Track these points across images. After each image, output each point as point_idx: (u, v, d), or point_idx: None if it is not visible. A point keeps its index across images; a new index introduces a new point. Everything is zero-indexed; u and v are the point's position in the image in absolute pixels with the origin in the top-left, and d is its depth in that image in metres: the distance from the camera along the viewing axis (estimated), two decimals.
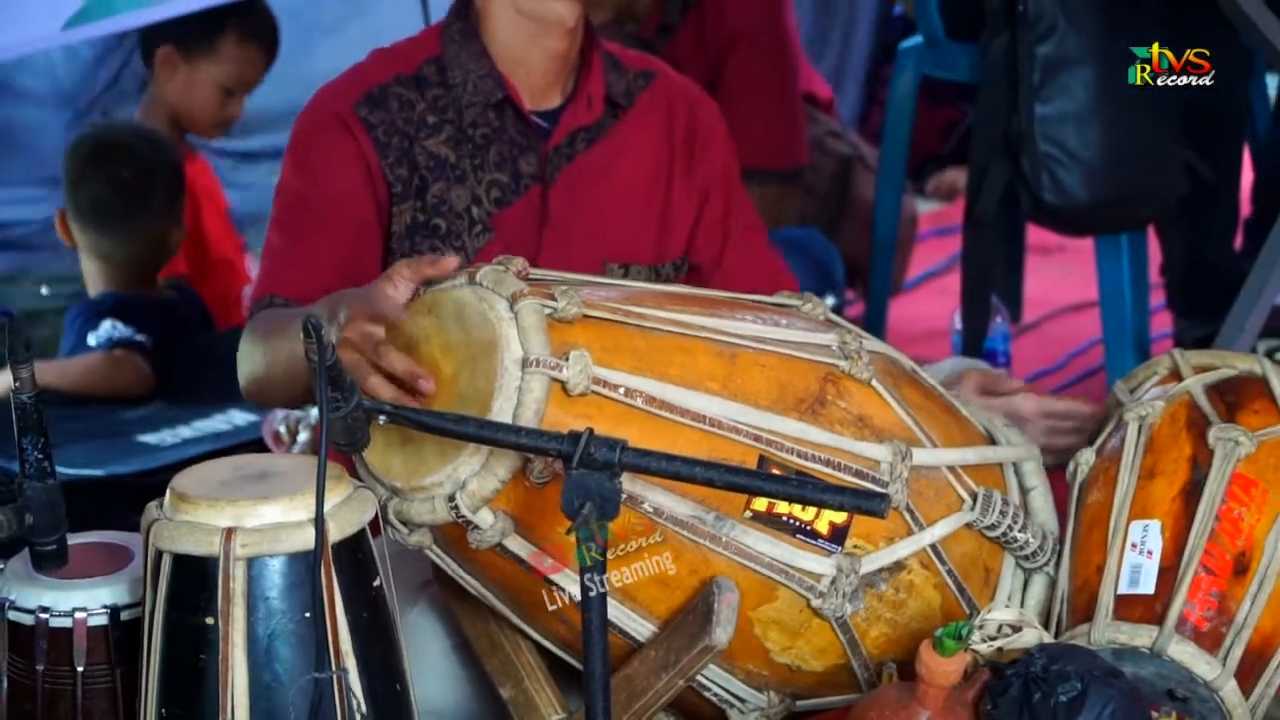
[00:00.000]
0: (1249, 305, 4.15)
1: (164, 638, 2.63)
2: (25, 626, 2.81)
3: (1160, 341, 4.34)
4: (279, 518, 2.61)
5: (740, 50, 4.42)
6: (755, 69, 4.43)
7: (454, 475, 2.75)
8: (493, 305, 2.78)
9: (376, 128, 3.21)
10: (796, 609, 2.90)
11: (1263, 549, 3.02)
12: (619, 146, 3.31)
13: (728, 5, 4.42)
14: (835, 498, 2.73)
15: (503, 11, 3.22)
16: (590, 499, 2.50)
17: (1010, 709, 2.70)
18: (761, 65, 4.44)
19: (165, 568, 2.63)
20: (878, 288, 4.72)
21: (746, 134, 4.44)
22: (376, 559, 2.69)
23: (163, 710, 2.64)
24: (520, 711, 2.94)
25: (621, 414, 2.77)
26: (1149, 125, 3.99)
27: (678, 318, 2.91)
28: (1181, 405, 3.14)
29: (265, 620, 2.59)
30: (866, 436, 2.93)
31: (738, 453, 2.83)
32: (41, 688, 2.82)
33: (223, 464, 2.76)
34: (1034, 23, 3.90)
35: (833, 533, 2.88)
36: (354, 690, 2.62)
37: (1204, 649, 2.94)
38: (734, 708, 2.97)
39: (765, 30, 4.46)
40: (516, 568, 2.83)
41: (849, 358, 2.98)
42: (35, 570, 2.71)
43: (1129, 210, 4.08)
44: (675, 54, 4.35)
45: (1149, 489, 3.06)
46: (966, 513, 3.00)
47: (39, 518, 2.62)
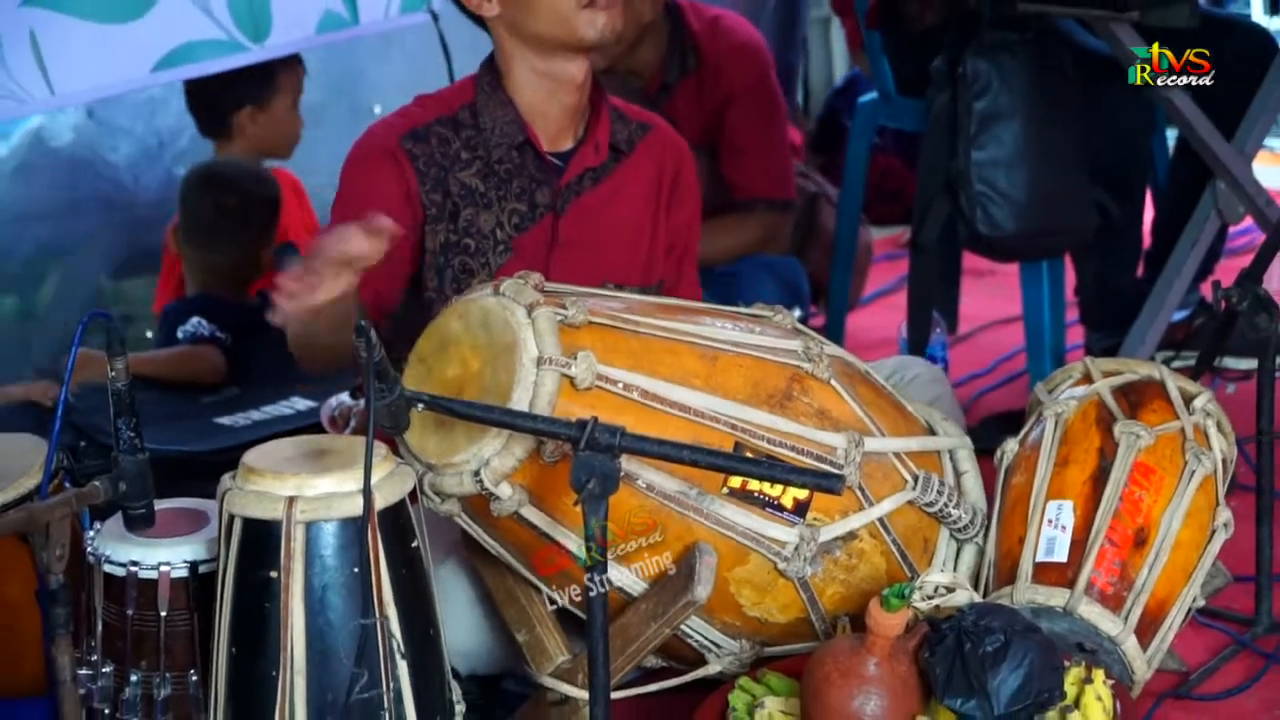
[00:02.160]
0: (1149, 321, 4.15)
1: (234, 588, 2.63)
2: (118, 578, 2.81)
3: (1074, 351, 4.33)
4: (333, 488, 2.60)
5: (737, 105, 4.42)
6: (751, 120, 4.43)
7: (479, 454, 2.75)
8: (513, 312, 2.78)
9: (418, 159, 3.21)
10: (765, 570, 2.90)
11: (1159, 526, 3.01)
12: (619, 186, 3.31)
13: (724, 70, 4.42)
14: (799, 477, 2.73)
15: (523, 69, 3.22)
16: (594, 476, 2.49)
17: (945, 657, 2.70)
18: (756, 117, 4.44)
19: (236, 529, 2.63)
20: (837, 303, 4.71)
21: (748, 172, 4.44)
22: (414, 524, 2.69)
23: (232, 649, 2.64)
24: (532, 653, 2.94)
25: (620, 405, 2.77)
26: (1067, 170, 3.98)
27: (668, 325, 2.91)
28: (1092, 404, 3.13)
29: (320, 575, 2.59)
30: (826, 427, 2.92)
31: (717, 438, 2.82)
32: (130, 629, 2.81)
33: (286, 443, 2.76)
34: (971, 83, 3.90)
35: (796, 507, 2.88)
36: (394, 634, 2.62)
37: (1108, 609, 2.94)
38: (712, 652, 2.97)
39: (757, 88, 4.46)
40: (530, 533, 2.82)
41: (812, 360, 2.97)
42: (127, 530, 2.71)
43: (1049, 241, 4.07)
44: (673, 108, 4.36)
45: (1063, 474, 3.06)
46: (909, 492, 3.00)
47: (130, 486, 2.61)
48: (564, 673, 2.91)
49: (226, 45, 4.00)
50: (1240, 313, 3.22)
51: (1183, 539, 3.02)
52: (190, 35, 3.94)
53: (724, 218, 4.32)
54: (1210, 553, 3.08)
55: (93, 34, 3.80)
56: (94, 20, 3.81)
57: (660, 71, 4.41)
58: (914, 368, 3.43)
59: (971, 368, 4.62)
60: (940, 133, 3.96)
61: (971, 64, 3.90)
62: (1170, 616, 3.01)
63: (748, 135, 4.46)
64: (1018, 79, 3.92)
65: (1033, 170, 3.93)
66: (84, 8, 3.80)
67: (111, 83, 4.01)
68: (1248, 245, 4.91)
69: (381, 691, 2.60)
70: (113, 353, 2.57)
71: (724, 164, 4.41)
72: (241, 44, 4.01)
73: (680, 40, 4.42)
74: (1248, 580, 3.28)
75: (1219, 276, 4.28)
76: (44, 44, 3.74)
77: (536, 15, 3.15)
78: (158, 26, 3.89)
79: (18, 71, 3.71)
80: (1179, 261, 4.19)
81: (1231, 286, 3.24)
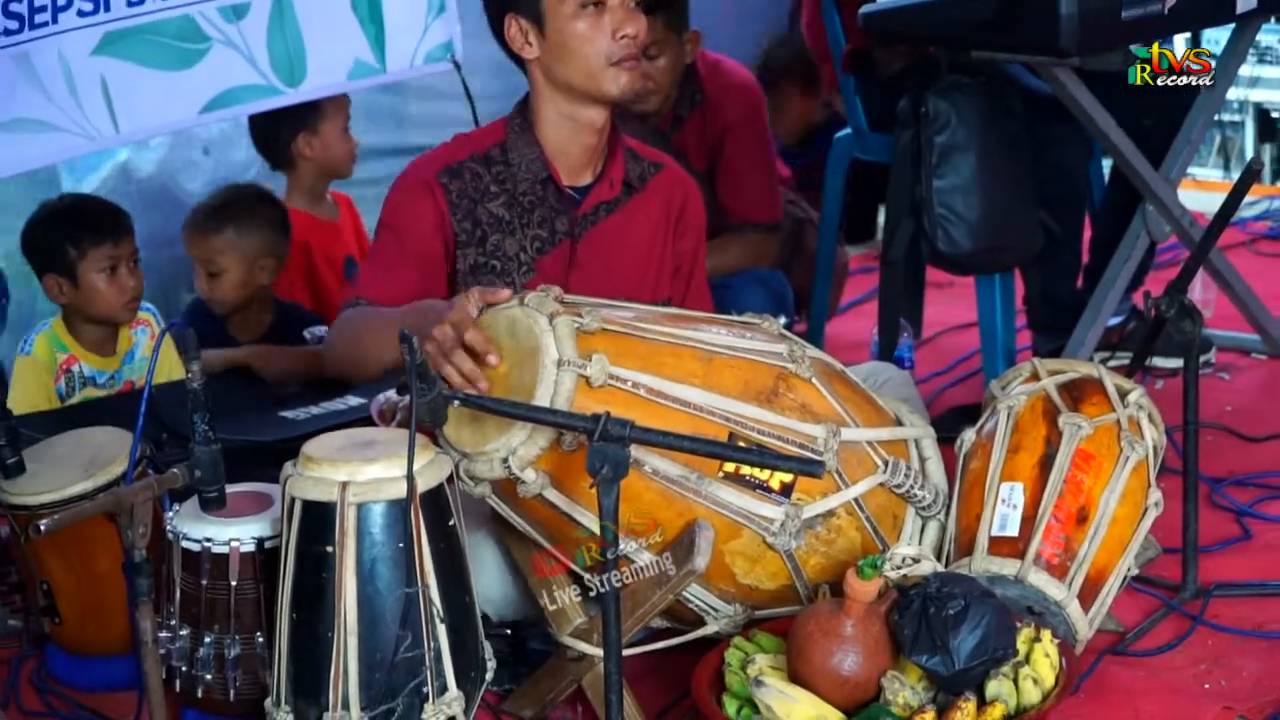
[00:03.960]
0: (1088, 326, 4.13)
1: (295, 561, 2.63)
2: (193, 552, 2.82)
3: (1023, 352, 4.31)
4: (381, 474, 2.60)
5: (732, 136, 4.41)
6: (744, 151, 4.42)
7: (508, 444, 2.74)
8: (536, 321, 2.77)
9: (451, 191, 3.20)
10: (756, 544, 2.89)
11: (1098, 504, 3.00)
12: (630, 217, 3.29)
13: (722, 106, 4.42)
14: (784, 463, 2.72)
15: (550, 110, 3.20)
16: (608, 462, 2.49)
17: (912, 619, 2.69)
18: (748, 147, 4.43)
19: (297, 510, 2.63)
20: (817, 312, 4.69)
21: (741, 197, 4.43)
22: (451, 505, 2.69)
23: (293, 614, 2.64)
24: (553, 616, 2.93)
25: (629, 401, 2.76)
26: (1015, 195, 3.96)
27: (671, 331, 2.90)
28: (1039, 399, 3.12)
29: (369, 549, 2.59)
30: (808, 419, 2.91)
31: (713, 430, 2.81)
32: (205, 597, 2.82)
33: (340, 435, 2.76)
34: (932, 120, 3.88)
35: (782, 489, 2.87)
36: (434, 601, 2.62)
37: (1054, 577, 2.93)
38: (710, 615, 2.96)
39: (750, 122, 4.46)
40: (551, 512, 2.81)
41: (795, 361, 2.96)
42: (202, 511, 2.72)
43: (1001, 257, 4.05)
44: (682, 138, 4.37)
45: (1015, 460, 3.05)
46: (880, 475, 2.99)
47: (205, 473, 2.62)
48: (581, 633, 2.90)
49: (265, 90, 4.00)
50: (1167, 319, 3.21)
51: (1119, 516, 3.01)
52: (234, 81, 3.94)
53: (719, 238, 4.30)
54: (1143, 528, 3.07)
55: (153, 79, 3.80)
56: (155, 68, 3.81)
57: (674, 107, 4.41)
58: (886, 373, 3.41)
59: (934, 367, 4.60)
60: (906, 164, 3.95)
61: (932, 104, 3.89)
62: (1108, 583, 3.00)
63: (740, 165, 4.45)
64: (972, 116, 3.91)
65: (986, 196, 3.91)
66: (147, 57, 3.80)
67: (166, 123, 4.01)
68: (1173, 260, 4.89)
69: (423, 651, 2.60)
70: (188, 358, 2.57)
71: (720, 191, 4.40)
72: (278, 88, 4.00)
73: (690, 81, 4.43)
74: (1176, 551, 3.27)
75: (1149, 287, 4.31)
76: (112, 88, 3.74)
77: (569, 66, 3.14)
78: (207, 73, 3.89)
79: (90, 113, 3.71)
80: (1113, 274, 4.18)
81: (1160, 296, 3.23)
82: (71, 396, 3.87)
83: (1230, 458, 3.85)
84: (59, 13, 3.69)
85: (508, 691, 3.00)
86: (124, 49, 3.78)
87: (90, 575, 3.09)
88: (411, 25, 4.04)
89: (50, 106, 3.70)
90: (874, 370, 3.43)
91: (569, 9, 3.11)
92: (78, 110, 3.72)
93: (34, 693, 3.15)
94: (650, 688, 2.98)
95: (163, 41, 3.84)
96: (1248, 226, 5.45)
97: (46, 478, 3.06)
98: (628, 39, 3.11)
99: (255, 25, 3.93)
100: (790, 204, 4.86)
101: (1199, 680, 2.99)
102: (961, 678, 2.66)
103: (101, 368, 3.90)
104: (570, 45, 3.12)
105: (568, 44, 3.12)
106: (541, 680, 2.97)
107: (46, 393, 3.84)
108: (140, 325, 3.97)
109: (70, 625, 3.14)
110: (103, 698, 3.09)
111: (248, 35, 3.93)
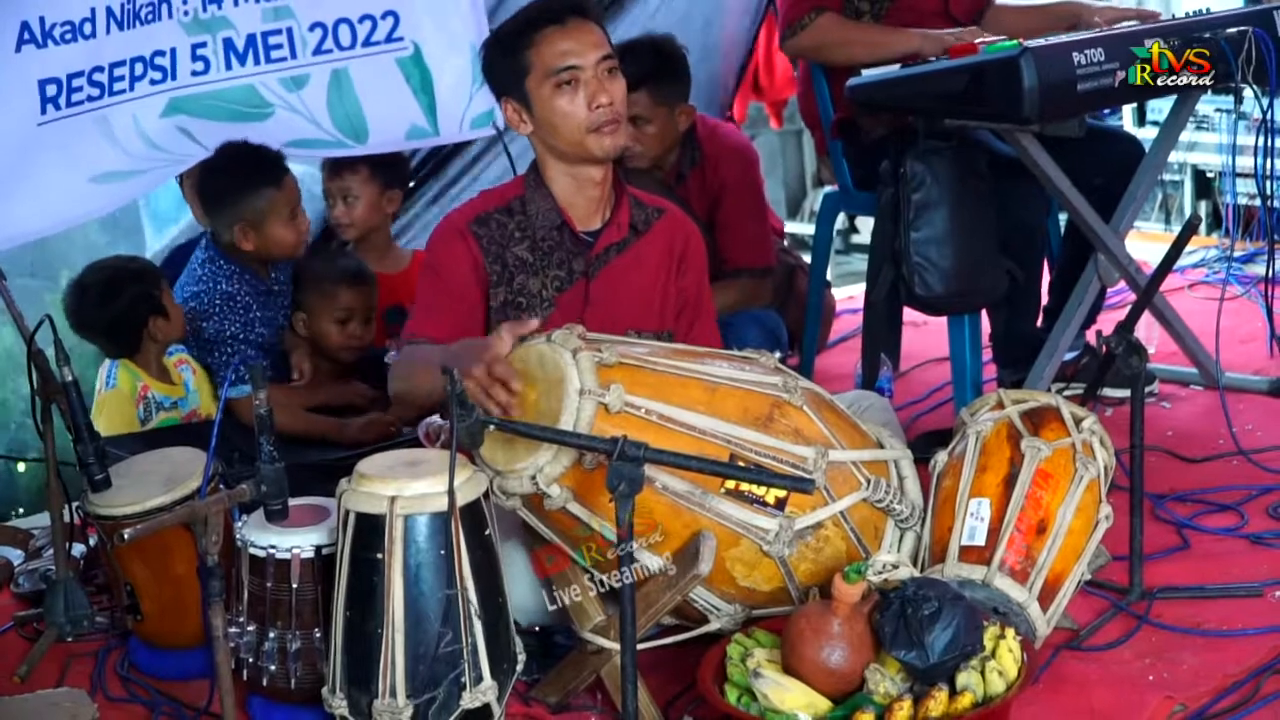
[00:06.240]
0: (1046, 360, 4.13)
1: (349, 566, 2.63)
2: (259, 558, 2.82)
3: (989, 383, 4.30)
4: (426, 490, 2.61)
5: (729, 193, 4.42)
6: (739, 205, 4.43)
7: (535, 463, 2.75)
8: (561, 354, 2.78)
9: (482, 238, 3.21)
10: (753, 551, 2.89)
11: (1056, 518, 3.00)
12: (638, 256, 3.30)
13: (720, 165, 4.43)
14: (779, 481, 2.73)
15: (556, 171, 3.22)
16: (624, 479, 2.50)
17: (892, 618, 2.69)
18: (743, 202, 4.44)
19: (351, 521, 2.63)
20: (808, 347, 4.69)
21: (737, 247, 4.44)
22: (487, 517, 2.69)
23: (347, 613, 2.64)
24: (576, 613, 2.92)
25: (642, 425, 2.76)
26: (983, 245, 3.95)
27: (678, 364, 2.91)
28: (1004, 424, 3.12)
29: (415, 556, 2.59)
30: (799, 442, 2.91)
31: (716, 451, 2.82)
32: (269, 598, 2.82)
33: (389, 455, 2.76)
34: (910, 179, 3.88)
35: (777, 503, 2.87)
36: (472, 601, 2.62)
37: (1017, 582, 2.92)
38: (713, 614, 2.96)
39: (745, 180, 4.47)
40: (574, 522, 2.82)
41: (789, 391, 2.97)
42: (267, 522, 2.72)
43: (970, 300, 4.05)
44: (685, 192, 4.37)
45: (982, 478, 3.04)
46: (863, 491, 2.98)
47: (269, 488, 2.62)
48: (600, 629, 2.90)
49: (334, 143, 4.02)
50: (1117, 354, 3.21)
51: (1074, 528, 3.01)
52: (303, 135, 3.96)
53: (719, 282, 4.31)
54: (1095, 538, 3.06)
55: (227, 129, 3.87)
56: (224, 121, 3.85)
57: (677, 165, 4.43)
58: (868, 400, 3.41)
59: (910, 396, 4.60)
60: (887, 218, 3.95)
61: (910, 165, 3.89)
62: (1065, 587, 2.99)
63: (736, 218, 4.46)
64: (945, 177, 3.91)
65: (957, 246, 3.91)
66: (214, 114, 3.84)
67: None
68: (1121, 302, 4.89)
69: (462, 646, 2.60)
70: (256, 387, 2.58)
71: (718, 241, 4.41)
72: (346, 143, 4.03)
73: (691, 142, 4.44)
74: (1124, 559, 3.25)
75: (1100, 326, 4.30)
76: (194, 131, 3.83)
77: (557, 137, 3.16)
78: (275, 128, 3.91)
79: (173, 147, 3.83)
80: (1069, 315, 4.17)
81: (1110, 334, 3.23)
82: (150, 420, 3.88)
83: (1171, 477, 3.84)
84: (135, 81, 3.72)
85: (535, 681, 3.00)
86: (191, 108, 3.81)
87: (168, 578, 3.10)
88: (458, 96, 4.06)
89: (127, 158, 3.74)
90: (858, 398, 3.43)
91: (547, 90, 3.13)
92: (157, 151, 3.75)
93: (118, 681, 3.15)
94: (661, 678, 2.97)
95: (227, 106, 3.86)
96: (1186, 273, 5.45)
97: (130, 492, 3.07)
98: (603, 107, 3.13)
99: (315, 94, 3.94)
100: (784, 252, 4.87)
101: (1144, 672, 2.98)
102: (935, 670, 2.66)
103: (168, 394, 3.92)
104: (554, 120, 3.14)
105: (552, 119, 3.15)
106: (565, 671, 2.96)
107: (128, 419, 3.85)
108: (183, 365, 3.98)
109: (150, 622, 3.14)
110: (178, 686, 3.09)
111: (309, 102, 3.94)
